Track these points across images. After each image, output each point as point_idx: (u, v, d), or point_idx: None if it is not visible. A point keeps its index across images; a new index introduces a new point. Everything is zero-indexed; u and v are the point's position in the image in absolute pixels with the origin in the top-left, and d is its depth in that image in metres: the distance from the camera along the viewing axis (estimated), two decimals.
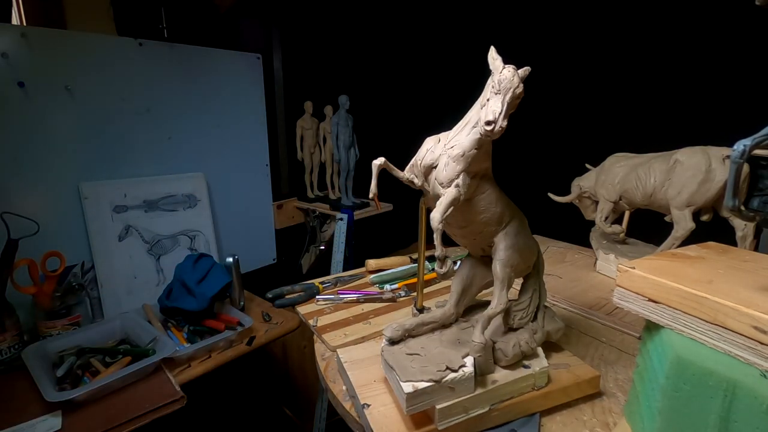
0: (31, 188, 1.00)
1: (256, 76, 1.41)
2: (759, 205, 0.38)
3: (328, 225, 1.62)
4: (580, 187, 0.93)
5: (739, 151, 0.35)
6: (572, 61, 1.24)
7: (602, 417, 0.46)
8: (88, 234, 1.06)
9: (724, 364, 0.33)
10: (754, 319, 0.31)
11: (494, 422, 0.44)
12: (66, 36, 1.04)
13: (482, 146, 0.41)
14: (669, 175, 0.73)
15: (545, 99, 1.10)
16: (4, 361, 0.81)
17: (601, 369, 0.54)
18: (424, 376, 0.41)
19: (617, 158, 0.86)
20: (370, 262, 0.91)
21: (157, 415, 0.74)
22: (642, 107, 1.10)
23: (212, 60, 1.30)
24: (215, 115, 1.31)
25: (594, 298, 0.75)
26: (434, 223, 0.40)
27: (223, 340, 0.94)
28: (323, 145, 1.58)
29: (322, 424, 1.18)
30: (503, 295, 0.45)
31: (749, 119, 0.43)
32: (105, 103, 1.09)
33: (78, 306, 0.95)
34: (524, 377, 0.45)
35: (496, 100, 0.38)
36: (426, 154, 0.44)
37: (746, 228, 0.68)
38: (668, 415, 0.37)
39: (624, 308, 0.42)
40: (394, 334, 0.48)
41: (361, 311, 0.73)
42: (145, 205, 1.16)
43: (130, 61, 1.13)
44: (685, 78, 1.01)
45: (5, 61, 0.93)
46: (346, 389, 0.52)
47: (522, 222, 0.48)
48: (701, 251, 0.46)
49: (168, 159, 1.22)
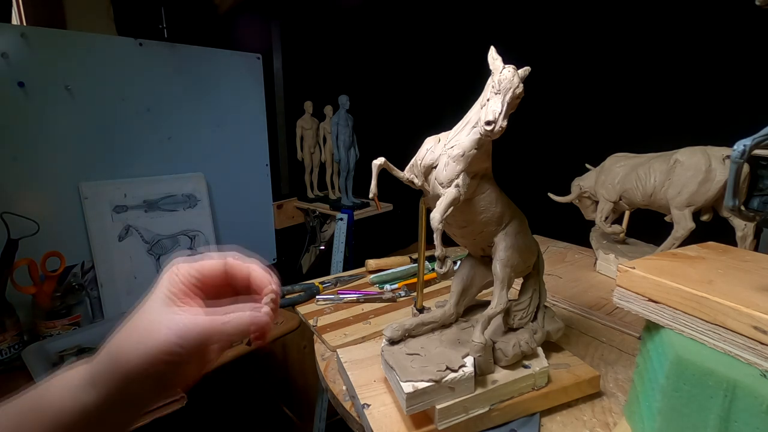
0: (31, 188, 1.00)
1: (256, 76, 1.41)
2: (759, 205, 0.38)
3: (328, 225, 1.62)
4: (580, 187, 0.93)
5: (739, 151, 0.35)
6: (572, 61, 1.24)
7: (602, 417, 0.46)
8: (88, 234, 1.06)
9: (724, 364, 0.33)
10: (754, 319, 0.31)
11: (494, 422, 0.44)
12: (66, 36, 1.04)
13: (482, 146, 0.41)
14: (669, 175, 0.73)
15: (545, 99, 1.10)
16: (4, 361, 0.81)
17: (601, 369, 0.54)
18: (424, 376, 0.41)
19: (617, 158, 0.86)
20: (370, 262, 0.91)
21: (157, 415, 0.74)
22: (642, 107, 1.10)
23: (212, 60, 1.30)
24: (215, 115, 1.31)
25: (594, 298, 0.75)
26: (434, 223, 0.40)
27: None
28: (323, 145, 1.58)
29: (322, 424, 1.18)
30: (503, 295, 0.45)
31: (749, 119, 0.43)
32: (105, 103, 1.09)
33: (78, 306, 0.95)
34: (524, 377, 0.45)
35: (496, 100, 0.38)
36: (426, 154, 0.44)
37: (746, 228, 0.68)
38: (668, 415, 0.37)
39: (624, 308, 0.42)
40: (394, 334, 0.48)
41: (361, 311, 0.73)
42: (145, 205, 1.16)
43: (130, 61, 1.13)
44: (684, 78, 1.01)
45: (5, 61, 0.93)
46: (346, 389, 0.52)
47: (522, 222, 0.48)
48: (701, 251, 0.46)
49: (168, 159, 1.22)
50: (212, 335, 0.30)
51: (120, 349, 0.29)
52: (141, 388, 0.29)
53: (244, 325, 0.31)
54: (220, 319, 0.31)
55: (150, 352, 0.28)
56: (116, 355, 0.29)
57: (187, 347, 0.29)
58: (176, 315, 0.30)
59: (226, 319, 0.31)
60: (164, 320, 0.29)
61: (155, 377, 0.29)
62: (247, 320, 0.31)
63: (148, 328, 0.29)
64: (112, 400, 0.29)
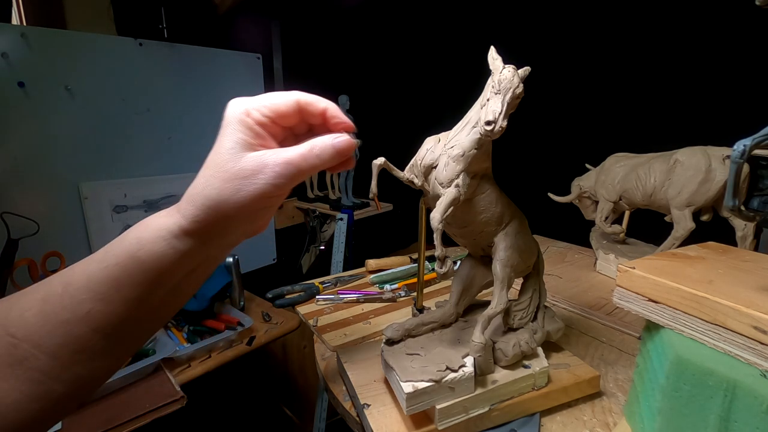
0: (31, 188, 1.00)
1: (256, 76, 1.41)
2: (759, 205, 0.38)
3: (328, 225, 1.62)
4: (580, 187, 0.93)
5: (739, 151, 0.35)
6: (572, 61, 1.24)
7: (602, 417, 0.46)
8: (88, 234, 1.06)
9: (724, 364, 0.33)
10: (754, 319, 0.31)
11: (494, 422, 0.44)
12: (66, 36, 1.04)
13: (482, 146, 0.41)
14: (669, 175, 0.73)
15: (545, 99, 1.10)
16: None
17: (601, 369, 0.54)
18: (424, 376, 0.41)
19: (617, 158, 0.86)
20: (370, 262, 0.91)
21: (157, 415, 0.74)
22: (642, 107, 1.10)
23: (212, 60, 1.30)
24: (215, 115, 1.31)
25: (594, 298, 0.75)
26: (434, 223, 0.40)
27: (223, 340, 0.94)
28: None
29: (322, 424, 1.18)
30: (503, 295, 0.45)
31: (749, 119, 0.43)
32: (105, 103, 1.09)
33: None
34: (524, 377, 0.45)
35: (496, 100, 0.38)
36: (426, 154, 0.44)
37: (746, 228, 0.68)
38: (668, 415, 0.37)
39: (624, 308, 0.42)
40: (394, 334, 0.48)
41: (361, 311, 0.73)
42: (145, 205, 1.16)
43: (130, 61, 1.13)
44: (684, 78, 1.01)
45: (5, 61, 0.93)
46: (346, 389, 0.52)
47: (522, 222, 0.48)
48: (701, 251, 0.46)
49: (168, 159, 1.22)
50: (305, 169, 0.32)
51: (218, 200, 0.30)
52: (237, 231, 0.32)
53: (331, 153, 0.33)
54: (309, 151, 0.32)
55: (251, 197, 0.30)
56: (215, 206, 0.30)
57: (284, 185, 0.31)
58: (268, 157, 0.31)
59: (316, 151, 0.32)
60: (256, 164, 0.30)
61: (252, 219, 0.32)
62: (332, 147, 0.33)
63: (241, 175, 0.30)
64: (209, 245, 0.31)
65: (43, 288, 0.30)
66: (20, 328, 0.28)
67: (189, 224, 0.30)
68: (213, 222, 0.30)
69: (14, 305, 0.29)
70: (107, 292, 0.29)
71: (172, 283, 0.31)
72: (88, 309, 0.28)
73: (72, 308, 0.28)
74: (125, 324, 0.30)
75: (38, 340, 0.28)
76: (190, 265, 0.31)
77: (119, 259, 0.29)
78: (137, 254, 0.29)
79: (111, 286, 0.29)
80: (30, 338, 0.28)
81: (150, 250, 0.29)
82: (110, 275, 0.29)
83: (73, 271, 0.30)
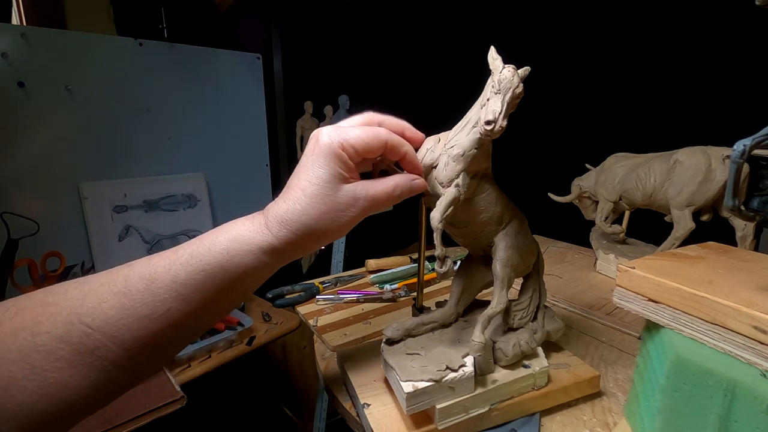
0: (31, 188, 1.00)
1: (256, 76, 1.41)
2: (759, 205, 0.37)
3: None
4: (580, 187, 0.93)
5: (739, 151, 0.35)
6: (572, 61, 1.24)
7: (602, 417, 0.46)
8: (88, 234, 1.06)
9: (724, 364, 0.33)
10: (754, 319, 0.31)
11: (494, 422, 0.44)
12: (66, 36, 1.04)
13: (482, 146, 0.41)
14: (669, 175, 0.73)
15: (545, 99, 1.10)
16: None
17: (601, 369, 0.54)
18: (424, 375, 0.41)
19: (617, 158, 0.86)
20: (370, 262, 0.91)
21: (157, 415, 0.74)
22: (642, 107, 1.10)
23: (212, 60, 1.30)
24: (215, 115, 1.31)
25: (594, 298, 0.75)
26: (434, 223, 0.40)
27: (223, 340, 0.94)
28: None
29: (322, 424, 1.18)
30: (503, 295, 0.45)
31: (749, 119, 0.43)
32: (105, 103, 1.09)
33: None
34: (524, 377, 0.45)
35: (496, 100, 0.38)
36: (426, 154, 0.44)
37: (746, 228, 0.68)
38: (668, 415, 0.37)
39: (624, 308, 0.42)
40: (394, 334, 0.48)
41: (361, 311, 0.73)
42: (145, 205, 1.16)
43: (130, 61, 1.13)
44: (685, 78, 1.01)
45: (5, 61, 0.93)
46: (346, 389, 0.52)
47: (522, 222, 0.48)
48: (701, 251, 0.46)
49: (168, 159, 1.22)
50: (384, 203, 0.37)
51: (315, 227, 0.34)
52: (318, 248, 0.37)
53: (408, 194, 0.39)
54: (393, 191, 0.38)
55: (343, 227, 0.35)
56: (310, 232, 0.34)
57: (366, 215, 0.36)
58: (359, 192, 0.36)
59: (398, 192, 0.38)
60: (350, 198, 0.35)
61: (332, 239, 0.37)
62: (410, 190, 0.39)
63: (337, 208, 0.35)
64: (290, 259, 0.36)
65: (120, 281, 0.31)
66: (96, 318, 0.29)
67: (280, 245, 0.33)
68: (303, 244, 0.34)
69: (88, 295, 0.30)
70: (190, 294, 0.31)
71: (246, 288, 0.35)
72: (169, 307, 0.31)
73: (153, 305, 0.30)
74: (197, 322, 0.33)
75: (113, 333, 0.29)
76: (268, 276, 0.35)
77: (207, 267, 0.32)
78: (225, 265, 0.32)
79: (195, 289, 0.31)
80: (104, 329, 0.29)
81: (239, 262, 0.33)
82: (195, 280, 0.31)
83: (153, 269, 0.32)
